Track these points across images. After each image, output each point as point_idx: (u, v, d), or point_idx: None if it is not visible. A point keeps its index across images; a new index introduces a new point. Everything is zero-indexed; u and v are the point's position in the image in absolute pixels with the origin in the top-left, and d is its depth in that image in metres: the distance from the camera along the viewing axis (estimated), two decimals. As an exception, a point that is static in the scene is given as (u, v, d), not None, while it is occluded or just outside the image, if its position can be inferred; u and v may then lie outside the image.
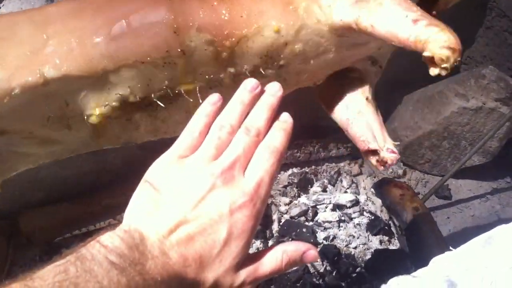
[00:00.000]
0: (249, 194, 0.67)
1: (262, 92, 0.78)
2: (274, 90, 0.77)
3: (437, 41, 0.77)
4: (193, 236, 0.64)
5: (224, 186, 0.67)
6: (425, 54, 0.78)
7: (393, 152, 1.03)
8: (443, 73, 0.79)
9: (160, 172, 0.72)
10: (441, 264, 0.93)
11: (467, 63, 2.45)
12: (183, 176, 0.69)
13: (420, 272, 0.93)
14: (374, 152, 1.05)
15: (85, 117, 0.90)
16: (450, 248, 0.97)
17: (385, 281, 0.96)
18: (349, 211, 2.00)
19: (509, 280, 0.87)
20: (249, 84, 0.76)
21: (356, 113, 1.08)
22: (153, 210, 0.67)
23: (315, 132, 2.24)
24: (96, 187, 1.95)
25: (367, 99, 1.10)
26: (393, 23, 0.82)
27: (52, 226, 1.89)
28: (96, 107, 0.89)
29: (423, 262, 0.97)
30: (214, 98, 0.77)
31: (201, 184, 0.67)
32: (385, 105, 2.39)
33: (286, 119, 0.78)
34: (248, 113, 0.76)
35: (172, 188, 0.69)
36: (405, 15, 0.82)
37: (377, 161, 1.05)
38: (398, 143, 1.06)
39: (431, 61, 0.78)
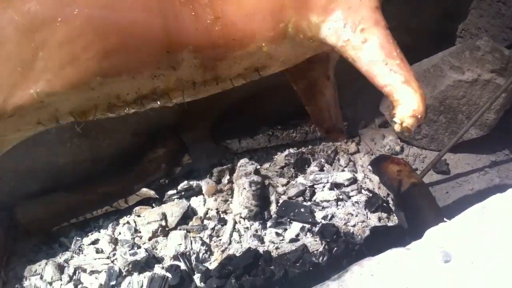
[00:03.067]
0: None
1: None
2: None
3: (407, 108, 0.82)
4: None
5: None
6: (395, 120, 0.82)
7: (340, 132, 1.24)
8: (406, 134, 0.89)
9: None
10: (436, 235, 0.92)
11: (462, 36, 2.43)
12: None
13: (415, 244, 0.92)
14: (327, 128, 1.24)
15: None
16: (445, 219, 0.96)
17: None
18: (347, 189, 1.99)
19: (504, 249, 0.86)
20: None
21: (318, 91, 1.20)
22: None
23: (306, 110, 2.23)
24: (91, 175, 1.94)
25: (328, 78, 1.18)
26: (373, 66, 0.86)
27: (49, 216, 1.88)
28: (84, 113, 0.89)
29: (421, 236, 0.96)
30: None
31: None
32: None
33: None
34: None
35: None
36: (385, 62, 0.85)
37: (328, 134, 1.27)
38: (346, 124, 1.23)
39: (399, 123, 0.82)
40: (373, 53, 0.87)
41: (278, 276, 1.68)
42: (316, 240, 1.80)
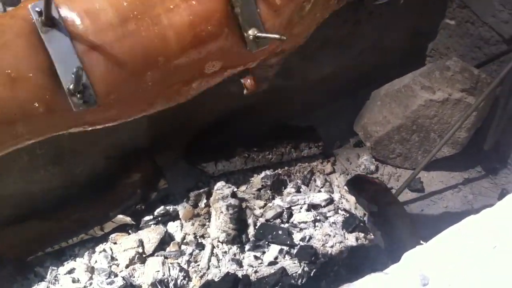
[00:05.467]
0: None
1: None
2: None
3: None
4: None
5: None
6: None
7: None
8: None
9: None
10: (413, 259, 0.92)
11: (432, 55, 2.48)
12: None
13: (393, 268, 0.92)
14: None
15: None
16: (421, 242, 0.96)
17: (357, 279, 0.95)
18: (324, 210, 2.00)
19: (480, 270, 0.87)
20: None
21: None
22: None
23: (286, 132, 2.24)
24: (65, 202, 1.90)
25: None
26: None
27: (23, 244, 1.84)
28: None
29: (398, 256, 0.96)
30: None
31: None
32: (353, 101, 2.40)
33: None
34: None
35: None
36: None
37: None
38: None
39: None
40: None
41: (257, 301, 1.68)
42: (294, 263, 1.80)
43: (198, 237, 1.91)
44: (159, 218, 1.94)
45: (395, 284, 0.87)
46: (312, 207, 2.00)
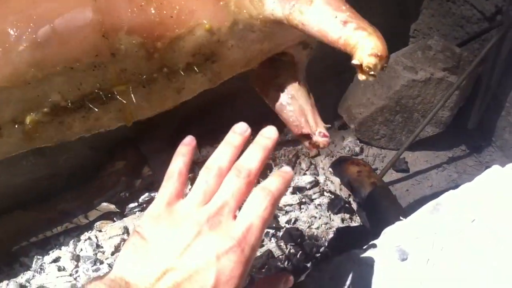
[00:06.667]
0: (236, 239, 0.65)
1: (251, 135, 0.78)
2: (269, 133, 0.76)
3: (364, 48, 0.76)
4: (180, 284, 0.62)
5: (210, 232, 0.65)
6: (354, 62, 0.76)
7: (324, 136, 1.09)
8: (371, 79, 0.76)
9: (148, 221, 0.71)
10: (392, 234, 0.93)
11: (415, 36, 2.48)
12: (170, 224, 0.68)
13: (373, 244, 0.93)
14: (307, 136, 1.11)
15: (16, 125, 0.86)
16: (401, 218, 0.97)
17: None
18: (309, 192, 2.00)
19: (459, 244, 0.88)
20: (239, 127, 0.77)
21: (289, 97, 1.13)
22: (140, 259, 0.66)
23: (269, 117, 2.23)
24: (49, 192, 1.89)
25: (299, 82, 1.13)
26: (323, 23, 0.82)
27: (8, 235, 1.83)
28: (26, 115, 0.86)
29: (383, 235, 0.96)
30: (188, 139, 0.81)
31: (187, 231, 0.66)
32: (338, 84, 2.40)
33: (287, 169, 0.76)
34: (239, 156, 0.75)
35: (159, 236, 0.68)
36: (334, 16, 0.81)
37: (310, 143, 1.12)
38: (329, 125, 1.14)
39: (360, 67, 0.76)
40: (321, 11, 0.82)
41: (244, 284, 1.67)
42: (280, 245, 1.80)
43: (184, 222, 1.91)
44: (144, 205, 1.94)
45: (374, 259, 0.88)
46: (297, 189, 2.00)
